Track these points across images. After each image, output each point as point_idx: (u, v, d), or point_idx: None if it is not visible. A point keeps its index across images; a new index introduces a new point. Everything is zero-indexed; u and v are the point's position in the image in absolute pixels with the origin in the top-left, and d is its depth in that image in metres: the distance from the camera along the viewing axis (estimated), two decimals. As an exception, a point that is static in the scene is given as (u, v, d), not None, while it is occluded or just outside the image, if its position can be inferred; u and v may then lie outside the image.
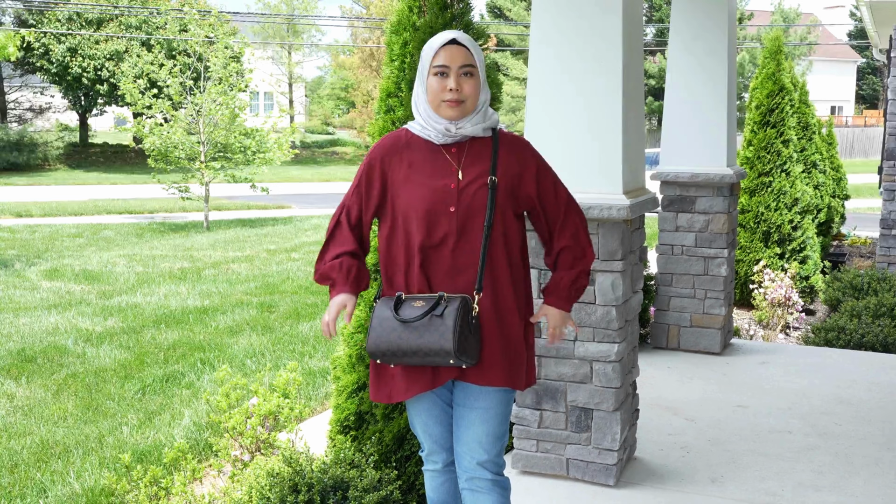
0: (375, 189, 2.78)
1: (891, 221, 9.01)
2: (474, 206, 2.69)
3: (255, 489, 3.80)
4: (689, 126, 6.23)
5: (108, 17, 34.89)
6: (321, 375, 7.06)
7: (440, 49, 2.69)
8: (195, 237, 16.44)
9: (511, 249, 2.77)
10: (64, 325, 8.94)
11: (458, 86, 2.67)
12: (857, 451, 4.44)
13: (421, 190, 2.70)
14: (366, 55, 44.18)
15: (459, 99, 2.67)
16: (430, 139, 2.75)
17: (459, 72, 2.67)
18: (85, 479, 5.09)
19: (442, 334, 2.58)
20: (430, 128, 2.74)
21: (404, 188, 2.73)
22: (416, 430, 2.92)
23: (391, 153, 2.78)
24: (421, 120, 2.76)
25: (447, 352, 2.58)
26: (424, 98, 2.74)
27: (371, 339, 2.66)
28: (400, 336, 2.62)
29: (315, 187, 29.47)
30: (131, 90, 17.63)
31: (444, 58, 2.68)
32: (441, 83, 2.68)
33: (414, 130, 2.79)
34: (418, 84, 2.76)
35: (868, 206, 22.26)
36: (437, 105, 2.70)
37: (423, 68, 2.73)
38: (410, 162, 2.75)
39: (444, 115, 2.70)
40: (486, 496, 2.80)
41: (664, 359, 6.10)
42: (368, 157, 2.81)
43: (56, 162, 34.26)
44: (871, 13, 11.76)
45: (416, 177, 2.73)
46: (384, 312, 2.68)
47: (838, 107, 58.64)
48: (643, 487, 3.98)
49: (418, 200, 2.70)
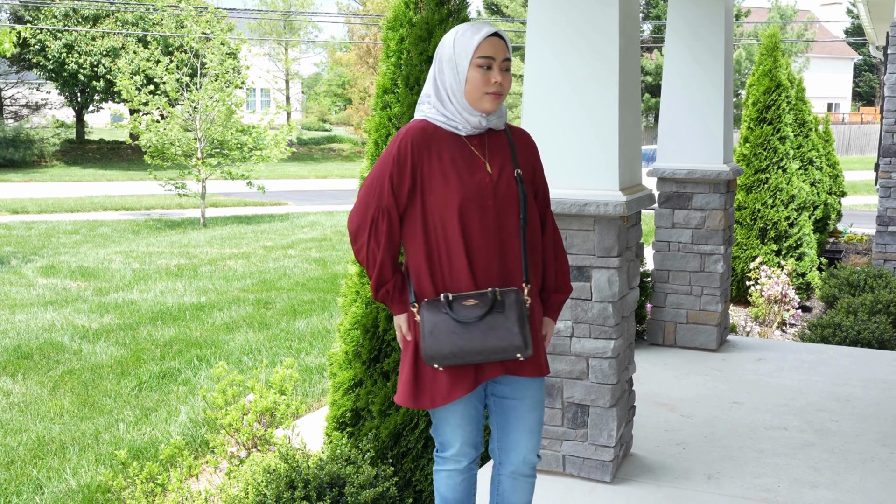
0: (406, 184, 2.63)
1: (887, 218, 9.02)
2: (508, 199, 2.68)
3: (252, 485, 3.80)
4: (686, 122, 6.23)
5: (104, 14, 34.82)
6: (317, 372, 7.06)
7: (484, 41, 2.62)
8: (192, 234, 16.43)
9: (537, 240, 2.78)
10: (60, 321, 8.93)
11: (502, 79, 2.64)
12: (853, 447, 4.45)
13: (457, 184, 2.62)
14: (362, 52, 44.16)
15: (501, 92, 2.65)
16: (456, 131, 2.68)
17: (502, 65, 2.64)
18: (81, 476, 5.09)
19: (508, 330, 2.57)
20: (460, 119, 2.66)
21: (439, 183, 2.62)
22: (443, 431, 2.81)
23: (422, 145, 2.64)
24: (447, 111, 2.66)
25: (517, 346, 2.58)
26: (460, 89, 2.63)
27: (429, 345, 2.59)
28: (461, 337, 2.56)
29: (312, 184, 29.45)
30: (128, 87, 17.60)
31: (488, 49, 2.62)
32: (485, 76, 2.62)
33: (436, 122, 2.68)
34: (449, 74, 2.65)
35: (864, 203, 22.30)
36: (478, 97, 2.63)
37: (456, 58, 2.63)
38: (440, 154, 2.65)
39: (483, 107, 2.64)
40: (526, 480, 2.91)
41: (660, 355, 6.11)
42: (397, 149, 2.63)
43: (52, 158, 34.22)
44: (869, 10, 11.77)
45: (450, 170, 2.64)
46: (436, 316, 2.60)
47: (835, 104, 58.71)
48: (639, 484, 3.99)
49: (456, 195, 2.62)
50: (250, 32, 45.80)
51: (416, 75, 4.16)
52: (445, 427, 2.80)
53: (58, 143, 35.00)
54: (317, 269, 12.48)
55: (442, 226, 2.63)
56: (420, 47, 4.15)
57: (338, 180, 30.62)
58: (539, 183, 2.84)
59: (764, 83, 9.48)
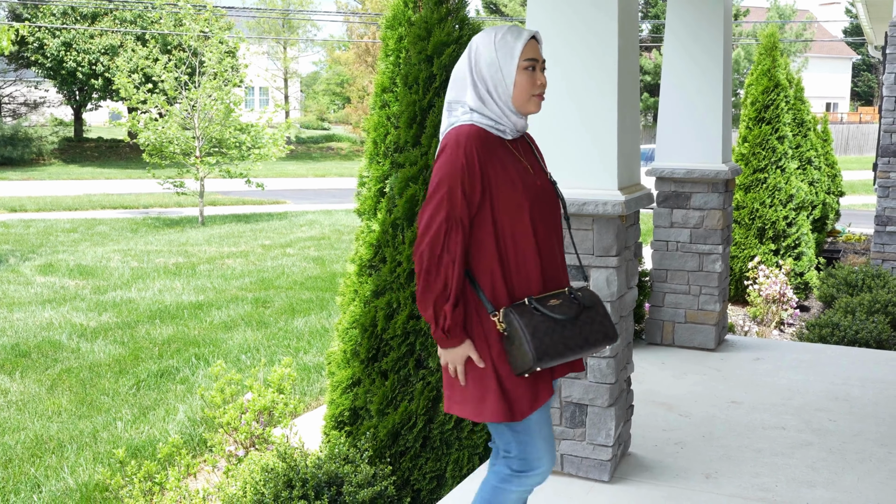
0: (478, 191, 2.55)
1: (885, 218, 9.02)
2: (552, 201, 2.72)
3: (250, 484, 3.80)
4: (685, 122, 6.23)
5: (102, 12, 34.80)
6: (316, 371, 7.06)
7: (528, 43, 2.63)
8: (190, 232, 16.42)
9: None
10: (58, 320, 8.93)
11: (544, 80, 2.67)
12: (851, 447, 4.45)
13: (523, 188, 2.62)
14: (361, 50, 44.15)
15: (543, 94, 2.68)
16: (504, 135, 2.66)
17: (542, 66, 2.68)
18: (79, 475, 5.08)
19: (601, 323, 2.62)
20: (507, 123, 2.65)
21: (507, 188, 2.58)
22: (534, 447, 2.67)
23: (485, 149, 2.58)
24: (492, 115, 2.62)
25: (611, 338, 2.64)
26: (507, 93, 2.61)
27: (531, 350, 2.48)
28: (563, 335, 2.55)
29: (310, 183, 29.45)
30: (126, 85, 17.59)
31: (532, 52, 2.64)
32: (531, 78, 2.63)
33: (485, 126, 2.61)
34: (493, 79, 2.61)
35: (863, 203, 22.31)
36: (525, 100, 2.63)
37: (502, 62, 2.60)
38: (502, 160, 2.62)
39: (529, 109, 2.66)
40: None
41: (659, 355, 6.11)
42: (465, 157, 2.52)
43: (50, 157, 34.20)
44: (867, 10, 11.77)
45: (514, 175, 2.61)
46: (531, 320, 2.52)
47: (833, 103, 58.75)
48: (637, 483, 3.99)
49: (526, 199, 2.61)
50: (249, 31, 45.78)
51: (414, 74, 4.16)
52: (537, 441, 2.67)
53: (56, 142, 34.98)
54: (315, 267, 12.48)
55: (511, 231, 2.59)
56: (419, 46, 4.15)
57: (336, 179, 30.61)
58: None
59: (762, 83, 9.49)
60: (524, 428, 2.64)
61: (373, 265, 4.27)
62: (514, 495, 2.74)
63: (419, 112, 4.16)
